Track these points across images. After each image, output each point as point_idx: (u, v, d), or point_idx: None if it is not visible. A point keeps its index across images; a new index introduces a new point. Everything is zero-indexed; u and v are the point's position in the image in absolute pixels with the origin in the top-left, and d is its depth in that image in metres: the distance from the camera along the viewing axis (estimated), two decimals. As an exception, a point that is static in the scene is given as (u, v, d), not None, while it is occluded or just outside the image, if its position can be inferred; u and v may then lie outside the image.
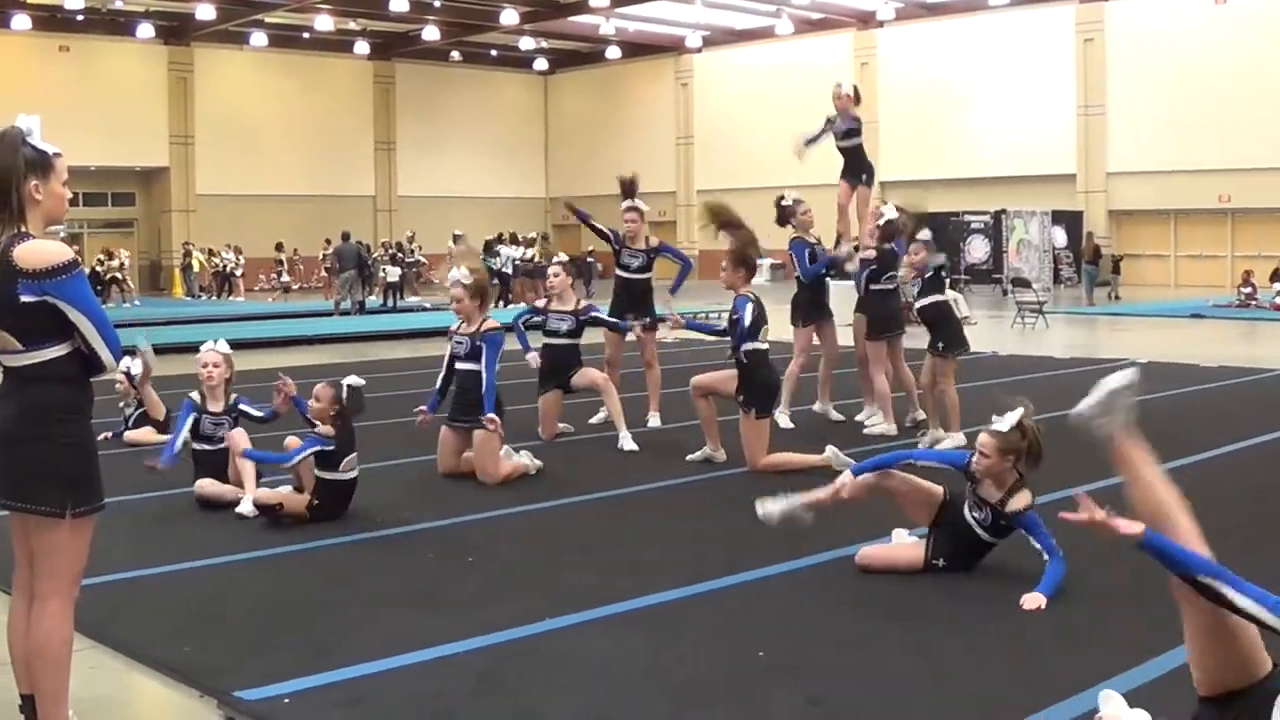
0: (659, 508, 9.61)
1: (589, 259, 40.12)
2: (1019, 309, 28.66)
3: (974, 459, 7.11)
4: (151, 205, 51.99)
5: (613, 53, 55.42)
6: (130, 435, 12.30)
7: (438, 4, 46.45)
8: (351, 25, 51.05)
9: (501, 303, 33.37)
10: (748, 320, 10.62)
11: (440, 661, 5.94)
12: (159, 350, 12.69)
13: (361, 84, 55.80)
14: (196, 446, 9.66)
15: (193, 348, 10.17)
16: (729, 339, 10.98)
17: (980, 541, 7.26)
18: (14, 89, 40.94)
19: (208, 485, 9.43)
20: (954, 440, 11.22)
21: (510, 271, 36.38)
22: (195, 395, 9.75)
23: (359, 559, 8.04)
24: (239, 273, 45.35)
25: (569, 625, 6.49)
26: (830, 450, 10.62)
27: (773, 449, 10.78)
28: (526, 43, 54.51)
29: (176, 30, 49.17)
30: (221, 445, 9.57)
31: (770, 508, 7.80)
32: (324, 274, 42.43)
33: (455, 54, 56.29)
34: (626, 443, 11.83)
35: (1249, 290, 32.59)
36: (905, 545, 7.70)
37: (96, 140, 44.16)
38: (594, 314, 12.69)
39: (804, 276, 13.28)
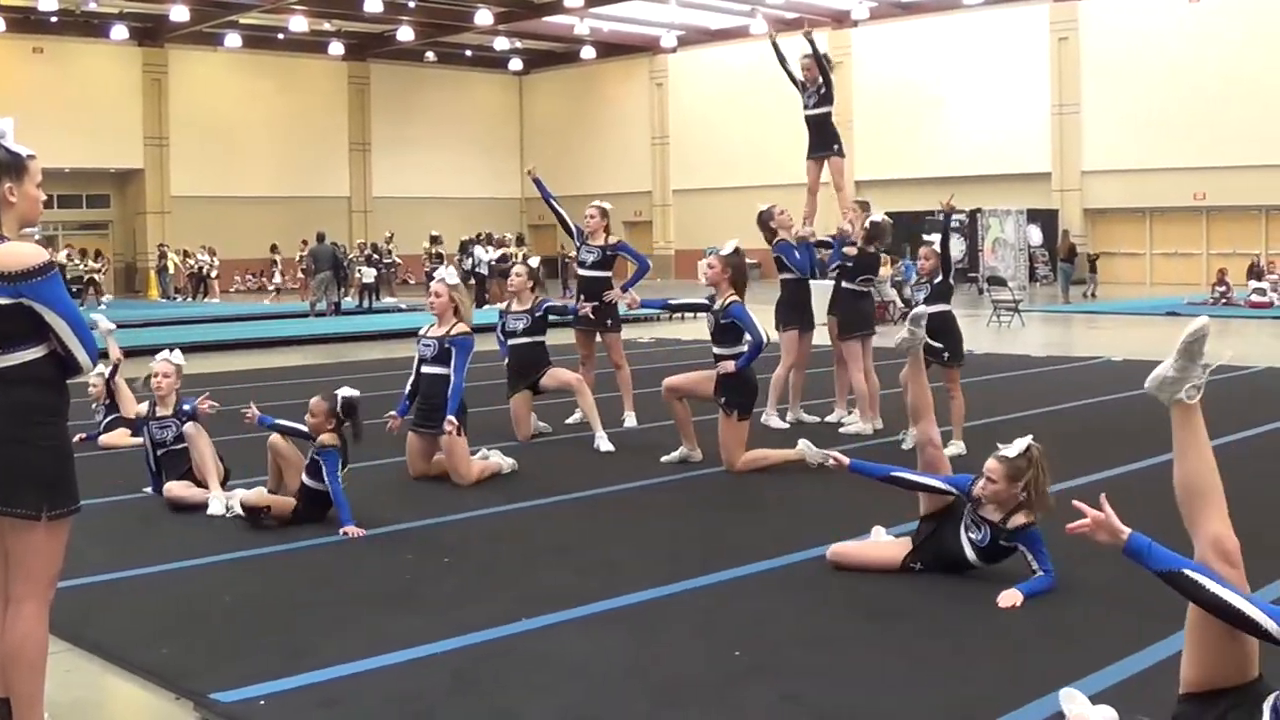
0: (635, 508, 9.62)
1: (566, 259, 40.08)
2: (995, 308, 28.72)
3: (980, 483, 7.06)
4: (126, 207, 51.84)
5: (587, 53, 55.37)
6: (105, 439, 12.32)
7: (412, 5, 46.32)
8: (326, 26, 50.92)
9: (476, 304, 33.32)
10: (761, 334, 10.65)
11: (417, 662, 5.94)
12: (132, 352, 12.73)
13: (336, 85, 55.68)
14: (157, 453, 9.85)
15: (167, 349, 10.17)
16: (709, 335, 10.99)
17: (965, 562, 7.21)
18: (-13, 91, 40.86)
19: (176, 489, 9.47)
20: (956, 449, 11.13)
21: (485, 273, 36.32)
22: (142, 408, 10.15)
23: (336, 560, 8.03)
24: (214, 274, 45.27)
25: (546, 625, 6.49)
26: (803, 444, 10.68)
27: (748, 447, 10.79)
28: (501, 43, 54.38)
29: (151, 32, 49.00)
30: (175, 446, 9.72)
31: (912, 331, 7.97)
32: (300, 275, 42.38)
33: (430, 54, 56.21)
34: (603, 443, 11.84)
35: (1223, 289, 32.68)
36: (882, 544, 7.70)
37: (71, 142, 43.94)
38: (546, 305, 12.71)
39: (800, 271, 13.28)
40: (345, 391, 9.08)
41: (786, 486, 10.08)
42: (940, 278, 11.58)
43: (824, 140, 14.14)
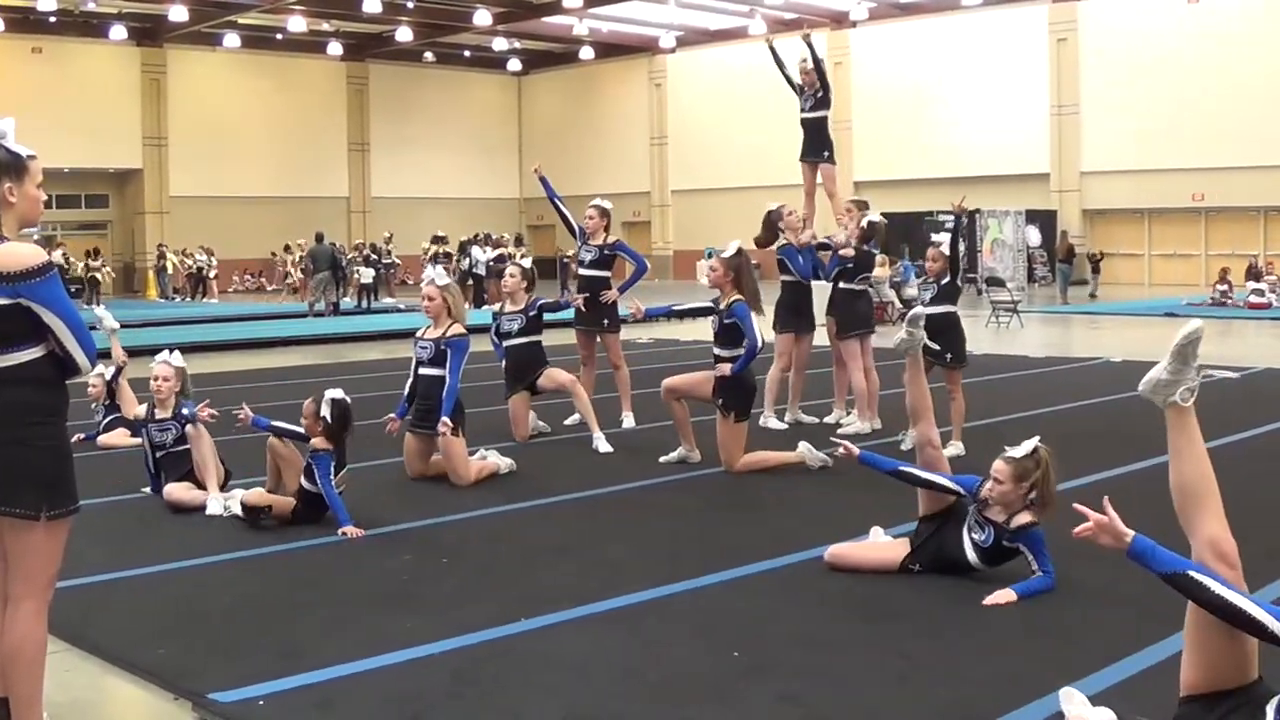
0: (634, 508, 9.61)
1: (564, 259, 40.07)
2: (993, 308, 28.70)
3: (987, 485, 7.03)
4: (125, 207, 51.88)
5: (586, 53, 55.40)
6: (104, 439, 12.32)
7: (410, 5, 46.35)
8: (324, 26, 50.94)
9: (474, 304, 33.31)
10: (758, 337, 10.61)
11: (416, 662, 5.93)
12: (132, 353, 12.72)
13: (335, 85, 55.69)
14: (156, 455, 9.85)
15: (167, 350, 10.17)
16: (713, 335, 10.97)
17: (966, 564, 7.18)
18: (-13, 91, 40.88)
19: (175, 492, 9.46)
20: (955, 449, 11.09)
21: (483, 273, 36.31)
22: (141, 409, 10.16)
23: (335, 560, 8.02)
24: (213, 274, 45.27)
25: (545, 625, 6.48)
26: (803, 446, 10.66)
27: (748, 449, 10.78)
28: (500, 43, 54.44)
29: (149, 32, 49.06)
30: (175, 448, 9.72)
31: (910, 333, 7.88)
32: (299, 275, 42.39)
33: (429, 55, 56.25)
34: (601, 444, 11.83)
35: (1224, 288, 32.54)
36: (880, 545, 7.68)
37: (70, 142, 43.99)
38: (540, 303, 12.69)
39: (803, 276, 13.28)
40: (332, 394, 9.05)
41: (786, 487, 10.07)
42: (948, 279, 11.54)
43: (817, 145, 14.19)
